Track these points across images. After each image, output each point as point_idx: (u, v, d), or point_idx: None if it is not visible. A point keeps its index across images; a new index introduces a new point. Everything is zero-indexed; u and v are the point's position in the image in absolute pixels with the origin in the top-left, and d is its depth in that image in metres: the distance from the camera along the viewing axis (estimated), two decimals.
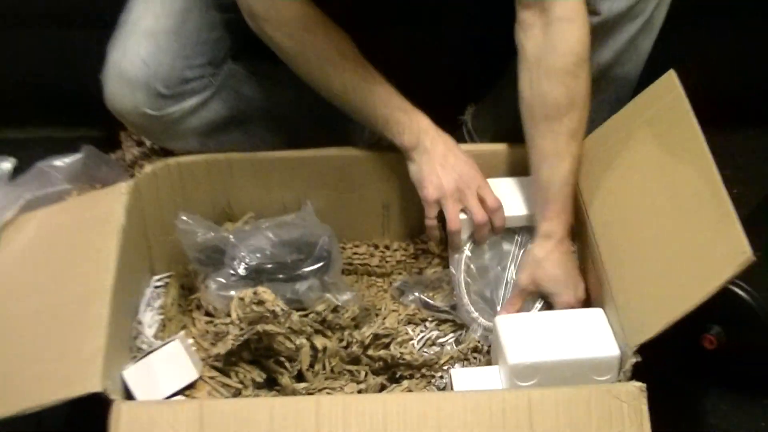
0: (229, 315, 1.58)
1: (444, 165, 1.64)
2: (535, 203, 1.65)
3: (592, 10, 1.64)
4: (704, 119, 1.50)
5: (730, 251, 1.34)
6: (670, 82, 1.58)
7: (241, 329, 1.56)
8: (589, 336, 1.52)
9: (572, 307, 1.61)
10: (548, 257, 1.61)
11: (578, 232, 1.68)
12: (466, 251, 1.69)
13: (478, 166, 1.68)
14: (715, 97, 1.72)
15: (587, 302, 1.63)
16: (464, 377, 1.55)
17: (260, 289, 1.57)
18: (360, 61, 1.63)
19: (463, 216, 1.66)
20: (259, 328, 1.54)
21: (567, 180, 1.60)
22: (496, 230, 1.67)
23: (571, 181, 1.61)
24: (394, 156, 1.73)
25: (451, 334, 1.72)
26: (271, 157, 1.78)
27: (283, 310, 1.55)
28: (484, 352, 1.65)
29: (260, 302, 1.55)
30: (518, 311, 1.64)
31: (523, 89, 1.61)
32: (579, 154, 1.62)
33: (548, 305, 1.65)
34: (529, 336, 1.53)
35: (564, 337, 1.53)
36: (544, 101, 1.57)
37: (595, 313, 1.56)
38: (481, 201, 1.66)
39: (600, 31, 1.67)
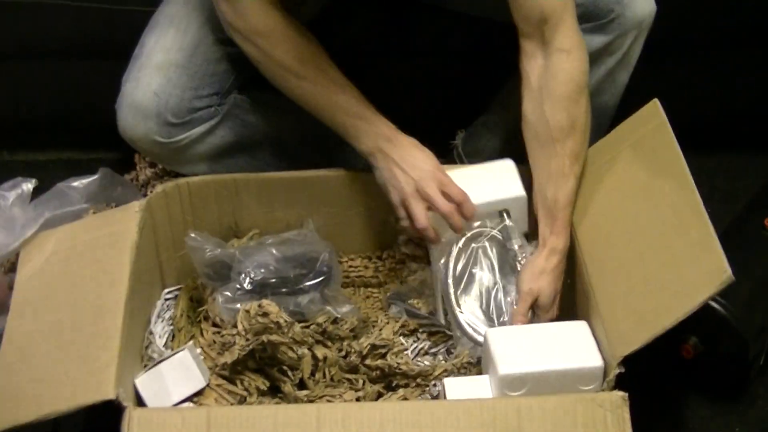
0: (235, 326, 1.60)
1: (402, 166, 1.63)
2: (540, 220, 1.66)
3: None
4: (683, 142, 1.54)
5: (710, 270, 1.38)
6: (654, 109, 1.62)
7: (247, 340, 1.57)
8: (575, 348, 1.53)
9: (552, 321, 1.64)
10: (553, 271, 1.63)
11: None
12: (451, 258, 1.68)
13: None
14: (692, 122, 1.75)
15: (572, 315, 1.64)
16: (456, 386, 1.55)
17: (265, 301, 1.58)
18: (323, 69, 1.65)
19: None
20: (264, 338, 1.56)
21: (571, 199, 1.64)
22: (467, 219, 1.64)
23: (573, 199, 1.65)
24: None
25: (442, 345, 1.73)
26: (274, 178, 1.80)
27: (286, 321, 1.56)
28: (476, 364, 1.64)
29: (265, 314, 1.56)
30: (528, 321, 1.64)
31: (527, 113, 1.65)
32: (580, 174, 1.65)
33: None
34: (518, 348, 1.53)
35: (551, 348, 1.53)
36: (547, 125, 1.61)
37: (580, 326, 1.57)
38: (446, 196, 1.62)
39: None
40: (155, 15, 1.79)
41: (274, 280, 1.67)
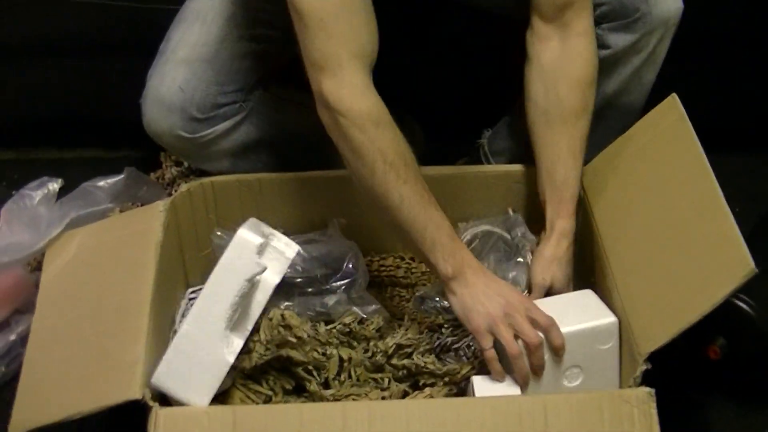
0: (258, 330, 1.60)
1: (487, 293, 1.52)
2: (547, 203, 1.67)
3: (602, 44, 1.72)
4: (709, 143, 1.53)
5: (733, 264, 1.37)
6: (672, 104, 1.62)
7: (267, 349, 1.58)
8: (587, 310, 1.56)
9: None
10: (565, 255, 1.65)
11: (589, 246, 1.71)
12: None
13: (502, 188, 1.69)
14: (717, 121, 1.76)
15: None
16: (485, 384, 1.55)
17: (287, 313, 1.59)
18: (420, 175, 1.53)
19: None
20: (283, 353, 1.57)
21: (579, 180, 1.66)
22: (555, 350, 1.53)
23: (580, 182, 1.67)
24: None
25: (465, 339, 1.70)
26: (298, 177, 1.80)
27: (309, 335, 1.58)
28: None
29: (287, 326, 1.57)
30: None
31: (537, 95, 1.66)
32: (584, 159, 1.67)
33: None
34: None
35: (564, 314, 1.54)
36: (561, 106, 1.63)
37: (586, 294, 1.61)
38: (533, 322, 1.51)
39: (608, 64, 1.74)
40: (181, 10, 1.80)
41: (300, 280, 1.67)
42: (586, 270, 1.73)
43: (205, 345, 1.55)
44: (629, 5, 1.71)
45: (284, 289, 1.65)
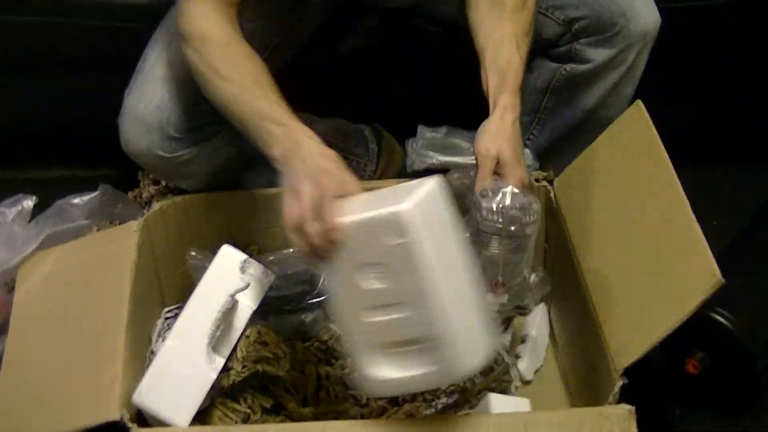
0: (235, 349, 1.59)
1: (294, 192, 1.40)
2: (489, 85, 1.61)
3: (581, 59, 1.74)
4: (689, 155, 1.54)
5: (701, 276, 1.36)
6: (638, 111, 1.60)
7: (244, 366, 1.57)
8: (392, 198, 1.31)
9: (523, 185, 1.55)
10: (511, 129, 1.57)
11: (562, 259, 1.71)
12: None
13: None
14: (696, 133, 1.77)
15: (573, 327, 1.65)
16: (500, 401, 1.54)
17: (263, 330, 1.59)
18: (253, 77, 1.53)
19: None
20: (260, 368, 1.57)
21: (523, 69, 1.61)
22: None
23: (524, 72, 1.61)
24: None
25: None
26: (271, 194, 1.78)
27: (284, 352, 1.57)
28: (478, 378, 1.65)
29: (264, 343, 1.57)
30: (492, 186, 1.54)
31: None
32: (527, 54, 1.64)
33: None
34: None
35: (368, 203, 1.33)
36: (502, 3, 1.61)
37: (425, 181, 1.34)
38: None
39: (587, 78, 1.76)
40: (158, 28, 1.78)
41: (276, 299, 1.66)
42: (562, 283, 1.73)
43: (188, 361, 1.54)
44: (607, 20, 1.71)
45: (261, 308, 1.64)
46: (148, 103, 1.69)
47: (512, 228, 1.54)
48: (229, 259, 1.61)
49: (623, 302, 1.52)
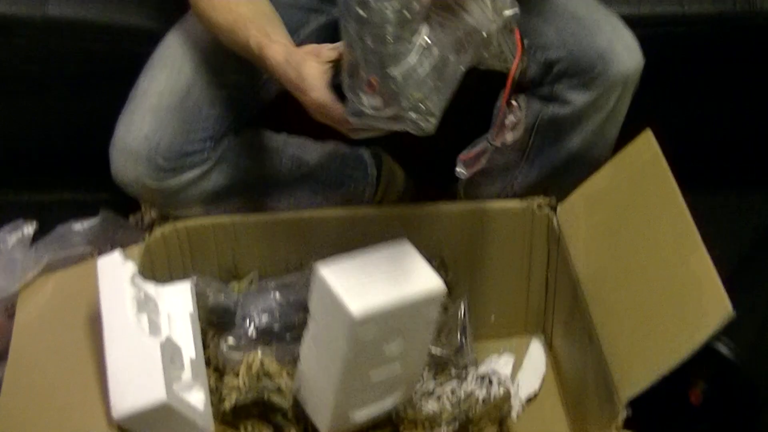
0: (237, 374, 1.59)
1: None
2: None
3: (563, 100, 1.73)
4: (688, 181, 1.53)
5: (712, 307, 1.37)
6: (646, 140, 1.62)
7: (246, 393, 1.58)
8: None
9: None
10: None
11: (566, 287, 1.71)
12: None
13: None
14: (696, 159, 1.76)
15: (575, 355, 1.65)
16: None
17: (266, 360, 1.58)
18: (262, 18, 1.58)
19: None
20: (265, 396, 1.57)
21: None
22: None
23: None
24: (394, 214, 1.77)
25: (448, 384, 1.71)
26: (272, 219, 1.79)
27: (287, 384, 1.57)
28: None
29: (267, 374, 1.57)
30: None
31: None
32: None
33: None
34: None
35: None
36: None
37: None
38: None
39: (570, 120, 1.75)
40: (152, 56, 1.78)
41: (278, 327, 1.66)
42: (565, 311, 1.73)
43: (131, 355, 1.50)
44: (584, 63, 1.70)
45: (261, 337, 1.64)
46: (137, 133, 1.68)
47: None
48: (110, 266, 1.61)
49: (629, 332, 1.52)
